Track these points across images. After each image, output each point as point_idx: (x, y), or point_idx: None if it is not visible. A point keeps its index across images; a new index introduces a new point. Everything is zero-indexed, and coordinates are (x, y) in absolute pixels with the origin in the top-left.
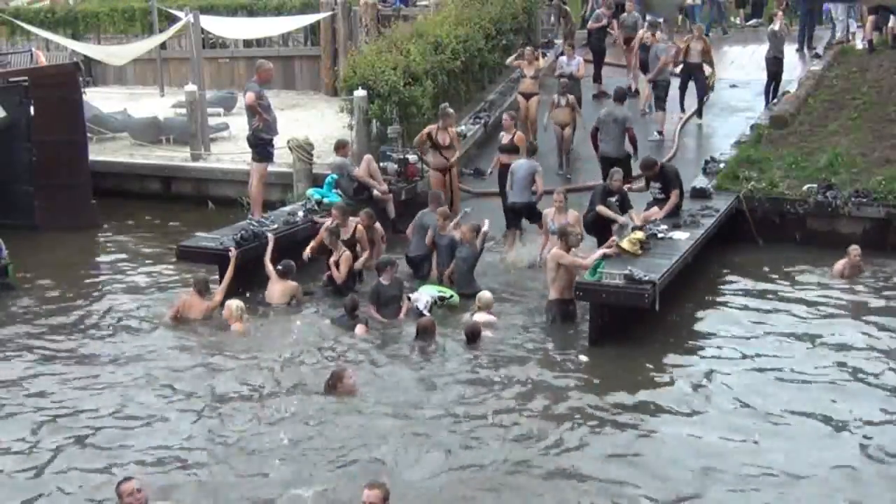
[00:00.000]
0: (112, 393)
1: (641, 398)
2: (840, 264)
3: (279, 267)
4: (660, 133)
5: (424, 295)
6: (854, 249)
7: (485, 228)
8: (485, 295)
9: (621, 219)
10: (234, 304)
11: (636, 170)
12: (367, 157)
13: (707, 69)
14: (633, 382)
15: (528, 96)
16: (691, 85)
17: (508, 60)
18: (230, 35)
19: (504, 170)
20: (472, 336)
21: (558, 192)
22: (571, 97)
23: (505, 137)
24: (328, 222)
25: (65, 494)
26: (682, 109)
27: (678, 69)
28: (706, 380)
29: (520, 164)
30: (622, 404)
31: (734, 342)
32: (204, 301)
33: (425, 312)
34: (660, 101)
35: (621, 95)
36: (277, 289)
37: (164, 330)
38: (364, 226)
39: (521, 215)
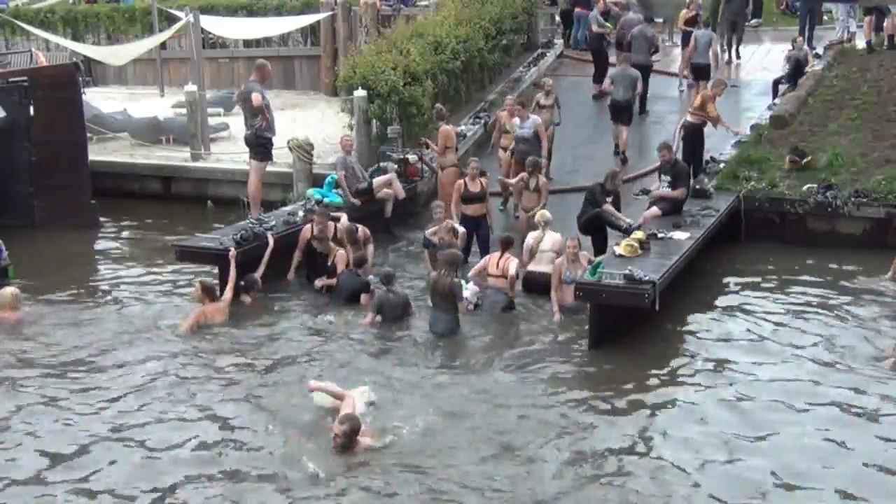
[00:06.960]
0: (113, 394)
1: (641, 400)
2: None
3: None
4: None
5: (471, 286)
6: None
7: (461, 229)
8: (543, 213)
9: (624, 223)
10: (9, 291)
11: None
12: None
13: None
14: (633, 383)
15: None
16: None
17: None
18: (230, 35)
19: (473, 220)
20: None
21: (572, 238)
22: (543, 180)
23: (472, 186)
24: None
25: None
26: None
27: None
28: (707, 381)
29: None
30: (621, 406)
31: (735, 342)
32: (220, 303)
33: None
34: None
35: None
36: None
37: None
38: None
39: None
